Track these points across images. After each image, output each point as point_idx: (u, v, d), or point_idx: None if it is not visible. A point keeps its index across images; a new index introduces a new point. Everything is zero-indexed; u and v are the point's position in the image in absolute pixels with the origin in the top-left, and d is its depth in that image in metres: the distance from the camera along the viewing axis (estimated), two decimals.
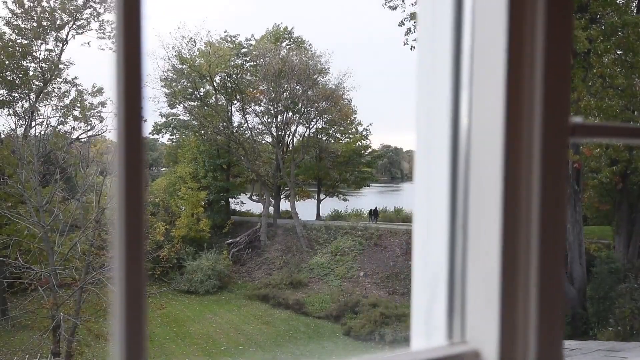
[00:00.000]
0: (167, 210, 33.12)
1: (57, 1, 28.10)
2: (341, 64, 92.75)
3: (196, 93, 36.63)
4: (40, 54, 28.26)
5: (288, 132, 38.74)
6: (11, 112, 27.59)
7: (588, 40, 18.32)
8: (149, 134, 39.34)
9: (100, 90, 29.49)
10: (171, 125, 38.82)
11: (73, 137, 28.07)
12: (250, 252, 33.66)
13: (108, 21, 29.29)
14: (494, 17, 0.83)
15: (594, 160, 22.61)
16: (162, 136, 40.52)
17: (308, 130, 39.64)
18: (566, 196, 0.88)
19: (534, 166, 0.84)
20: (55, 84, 29.00)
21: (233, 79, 37.50)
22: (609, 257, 22.70)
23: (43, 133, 26.94)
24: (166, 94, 36.69)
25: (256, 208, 40.38)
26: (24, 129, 26.68)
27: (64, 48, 28.79)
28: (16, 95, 28.07)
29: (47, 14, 27.91)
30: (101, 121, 28.75)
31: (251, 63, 38.50)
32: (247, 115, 38.14)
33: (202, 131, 36.51)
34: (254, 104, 38.28)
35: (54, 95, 28.97)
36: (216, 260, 30.19)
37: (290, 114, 37.76)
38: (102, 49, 29.50)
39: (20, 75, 27.95)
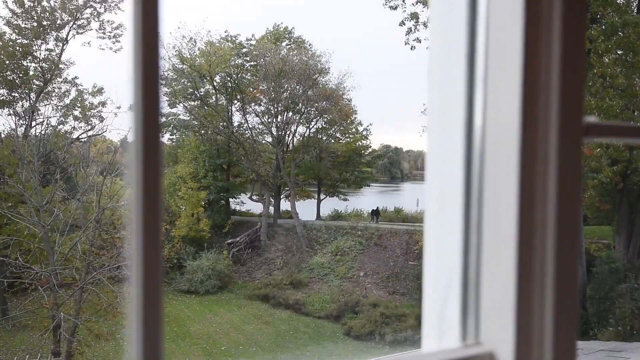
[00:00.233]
0: (167, 210, 33.09)
1: (58, 1, 28.08)
2: (341, 64, 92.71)
3: (196, 93, 36.63)
4: (40, 54, 28.26)
5: (288, 132, 38.74)
6: (11, 112, 27.58)
7: (588, 40, 18.33)
8: None
9: (100, 90, 29.47)
10: (171, 125, 38.81)
11: (73, 137, 28.05)
12: (251, 252, 33.65)
13: (108, 21, 29.32)
14: (510, 15, 0.83)
15: (595, 160, 22.60)
16: (162, 136, 40.25)
17: (308, 130, 39.66)
18: (581, 197, 0.87)
19: (550, 166, 0.83)
20: (55, 83, 29.00)
21: (233, 78, 37.49)
22: (609, 257, 22.71)
23: (43, 133, 26.94)
24: (166, 94, 36.68)
25: (256, 208, 40.37)
26: (24, 129, 26.68)
27: (64, 48, 28.78)
28: (16, 95, 28.05)
29: (48, 14, 27.89)
30: (101, 121, 28.73)
31: (251, 63, 38.49)
32: (248, 115, 38.16)
33: (202, 131, 36.51)
34: (254, 103, 38.27)
35: (54, 95, 28.97)
36: (216, 260, 30.18)
37: (291, 113, 37.75)
38: (103, 49, 29.55)
39: (21, 75, 27.93)
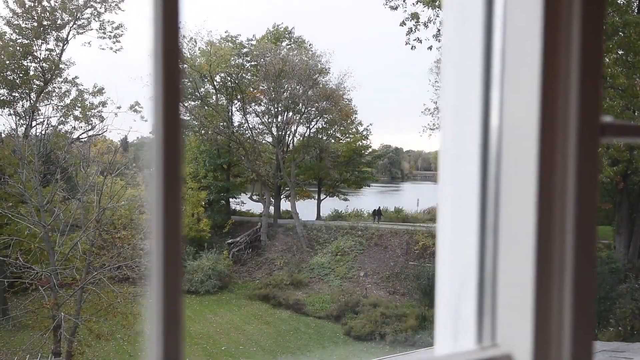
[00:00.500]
0: None
1: (58, 1, 28.08)
2: (342, 64, 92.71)
3: (197, 93, 36.62)
4: (40, 54, 28.25)
5: (288, 132, 38.74)
6: (12, 112, 27.57)
7: None
8: (149, 133, 39.23)
9: (100, 90, 29.47)
10: None
11: (74, 137, 28.06)
12: (251, 252, 33.65)
13: (109, 21, 29.31)
14: (528, 12, 0.82)
15: None
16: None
17: (308, 130, 39.66)
18: (598, 197, 0.86)
19: (568, 167, 0.82)
20: (55, 83, 28.99)
21: (233, 78, 37.48)
22: (609, 257, 22.69)
23: (44, 133, 26.96)
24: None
25: (256, 208, 40.37)
26: (24, 129, 26.66)
27: (65, 48, 28.78)
28: (17, 94, 28.03)
29: (48, 14, 27.88)
30: (102, 121, 28.77)
31: (252, 63, 38.49)
32: (248, 115, 38.16)
33: (203, 131, 36.49)
34: (254, 103, 38.27)
35: (54, 95, 28.96)
36: (216, 260, 30.17)
37: (291, 113, 37.75)
38: (103, 49, 29.54)
39: (21, 74, 27.92)
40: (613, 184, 23.91)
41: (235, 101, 37.99)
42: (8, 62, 27.19)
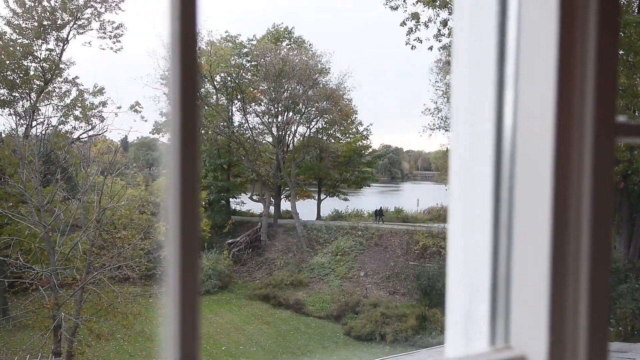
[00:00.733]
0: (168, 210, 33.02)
1: (58, 1, 28.06)
2: (342, 64, 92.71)
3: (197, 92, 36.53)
4: (41, 54, 28.22)
5: (289, 132, 38.73)
6: (12, 112, 27.55)
7: None
8: (149, 133, 39.39)
9: (101, 90, 29.46)
10: None
11: (74, 137, 28.05)
12: (251, 252, 33.64)
13: (109, 21, 29.30)
14: (544, 10, 0.81)
15: None
16: (163, 135, 40.52)
17: (308, 130, 39.64)
18: (612, 197, 0.85)
19: (584, 166, 0.81)
20: (56, 83, 28.97)
21: (233, 78, 37.47)
22: None
23: (44, 133, 26.95)
24: (166, 93, 36.62)
25: (257, 208, 40.36)
26: (24, 129, 26.64)
27: (65, 48, 28.76)
28: (17, 94, 28.02)
29: (48, 14, 27.86)
30: (102, 121, 28.76)
31: (252, 63, 38.49)
32: (248, 115, 38.15)
33: (203, 131, 36.46)
34: (254, 103, 38.26)
35: (54, 94, 28.94)
36: (217, 260, 30.15)
37: (291, 113, 37.74)
38: (103, 49, 29.53)
39: (21, 74, 27.90)
40: (613, 184, 23.86)
41: (236, 101, 37.97)
42: (8, 62, 27.16)
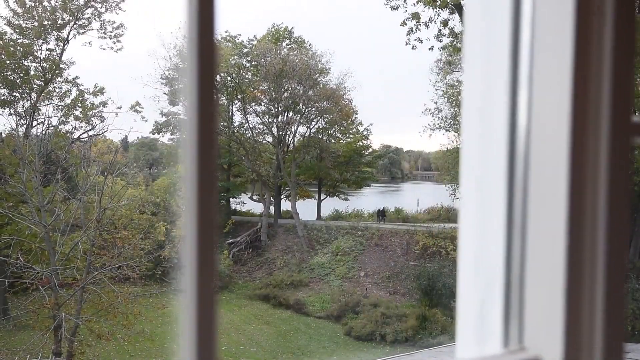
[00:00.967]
0: (168, 210, 33.05)
1: (59, 1, 28.05)
2: (342, 64, 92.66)
3: None
4: (41, 54, 28.20)
5: (289, 132, 38.71)
6: (12, 112, 27.54)
7: None
8: (150, 132, 39.41)
9: (101, 90, 29.44)
10: (172, 124, 38.77)
11: (74, 137, 28.05)
12: (251, 252, 33.62)
13: (109, 21, 29.27)
14: (559, 9, 0.80)
15: None
16: (163, 135, 40.54)
17: (309, 130, 39.63)
18: (630, 197, 0.85)
19: (600, 167, 0.80)
20: (56, 83, 28.95)
21: (233, 78, 37.46)
22: None
23: (44, 133, 26.94)
24: (166, 93, 36.68)
25: (257, 208, 40.35)
26: (25, 129, 26.62)
27: (65, 48, 28.74)
28: (17, 94, 28.00)
29: (49, 14, 27.85)
30: (102, 121, 28.74)
31: (252, 63, 38.49)
32: (248, 115, 38.13)
33: None
34: (254, 103, 38.25)
35: (55, 94, 28.92)
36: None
37: (291, 113, 37.73)
38: (103, 49, 29.52)
39: (22, 74, 27.89)
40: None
41: (236, 101, 37.95)
42: (8, 62, 27.15)
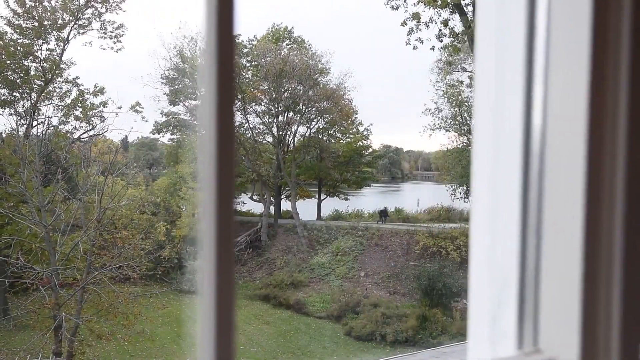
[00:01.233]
0: (168, 210, 33.03)
1: (59, 1, 28.05)
2: (342, 64, 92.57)
3: (197, 92, 36.58)
4: (41, 54, 28.19)
5: (289, 132, 38.70)
6: (12, 112, 27.53)
7: None
8: (150, 132, 39.40)
9: (101, 90, 29.44)
10: (172, 124, 38.76)
11: (74, 137, 28.05)
12: (251, 252, 33.60)
13: (109, 21, 29.27)
14: (576, 8, 0.79)
15: None
16: (163, 136, 40.50)
17: (309, 130, 39.62)
18: None
19: (617, 167, 0.80)
20: (56, 83, 28.95)
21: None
22: None
23: (44, 133, 26.94)
24: (167, 93, 36.68)
25: (257, 208, 40.32)
26: (25, 129, 26.61)
27: (66, 48, 28.72)
28: (17, 94, 27.99)
29: (49, 14, 27.85)
30: (102, 121, 28.75)
31: (252, 63, 38.48)
32: (248, 115, 38.09)
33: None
34: (254, 103, 38.24)
35: (55, 94, 28.91)
36: None
37: (291, 113, 37.73)
38: (104, 49, 29.52)
39: (22, 74, 27.88)
40: None
41: (236, 101, 37.92)
42: (9, 62, 27.15)
